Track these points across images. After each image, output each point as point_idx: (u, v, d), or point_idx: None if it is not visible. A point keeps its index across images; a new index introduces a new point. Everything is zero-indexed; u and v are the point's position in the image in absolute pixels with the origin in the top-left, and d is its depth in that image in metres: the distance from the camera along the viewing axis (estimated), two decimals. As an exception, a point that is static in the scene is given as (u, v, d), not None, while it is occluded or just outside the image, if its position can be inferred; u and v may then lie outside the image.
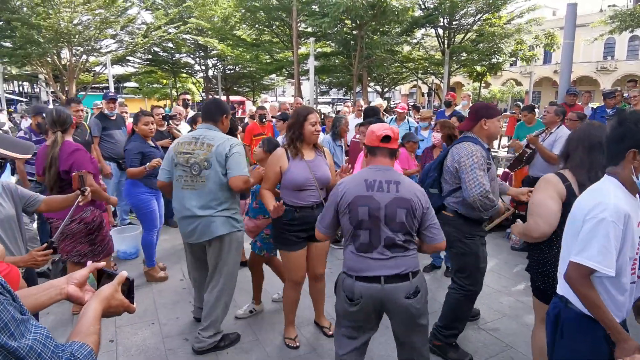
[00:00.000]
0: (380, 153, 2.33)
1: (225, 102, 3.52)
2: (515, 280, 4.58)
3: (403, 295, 2.22)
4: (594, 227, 1.70)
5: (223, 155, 2.99)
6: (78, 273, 1.30)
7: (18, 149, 1.04)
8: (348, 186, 2.30)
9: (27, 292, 1.29)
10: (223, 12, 22.45)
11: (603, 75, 36.45)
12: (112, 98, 6.18)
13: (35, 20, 16.03)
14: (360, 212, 2.23)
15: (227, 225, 3.11)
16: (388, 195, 2.22)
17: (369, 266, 2.24)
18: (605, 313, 1.71)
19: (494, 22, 20.85)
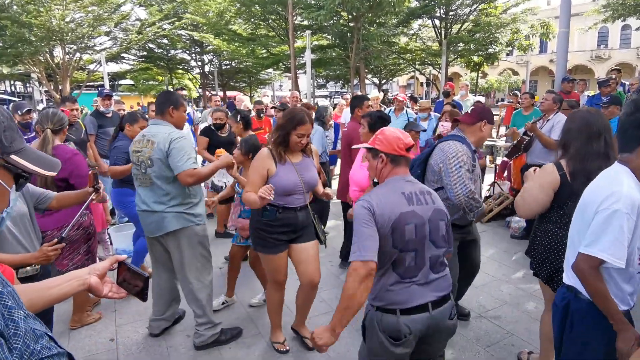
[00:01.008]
0: (405, 163, 2.06)
1: (176, 93, 3.36)
2: (515, 268, 4.59)
3: (447, 317, 2.00)
4: (607, 219, 1.67)
5: (164, 152, 2.89)
6: (100, 264, 1.32)
7: (45, 165, 1.03)
8: (384, 201, 1.92)
9: (51, 282, 1.31)
10: (218, 7, 22.33)
11: (597, 63, 36.52)
12: (108, 95, 6.13)
13: (26, 19, 15.83)
14: (407, 231, 1.90)
15: (181, 219, 3.03)
16: (427, 207, 1.97)
17: (413, 294, 1.91)
18: (611, 303, 1.71)
19: (490, 12, 20.85)
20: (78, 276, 1.30)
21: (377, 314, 1.95)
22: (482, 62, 23.48)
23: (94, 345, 3.33)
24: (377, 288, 1.96)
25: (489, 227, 5.92)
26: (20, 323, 0.94)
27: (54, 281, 1.31)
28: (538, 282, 2.86)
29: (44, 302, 1.29)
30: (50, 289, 1.29)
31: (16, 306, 1.03)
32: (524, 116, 6.06)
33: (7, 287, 1.06)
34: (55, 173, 1.02)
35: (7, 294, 1.02)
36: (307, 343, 3.24)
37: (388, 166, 2.05)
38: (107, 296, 1.32)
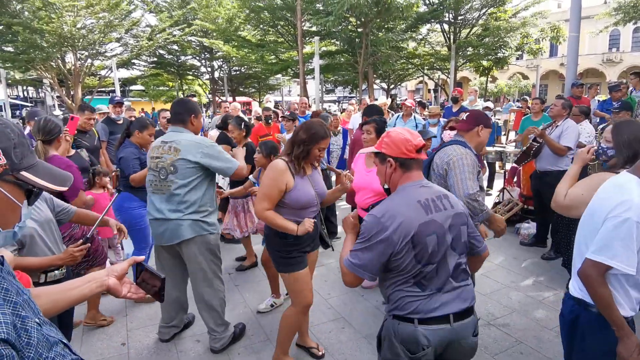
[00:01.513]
0: (417, 166, 1.91)
1: (193, 101, 3.34)
2: (525, 275, 4.56)
3: (471, 333, 1.86)
4: (617, 226, 1.67)
5: (192, 161, 2.95)
6: (118, 266, 1.35)
7: (56, 180, 1.03)
8: (400, 213, 1.77)
9: (70, 284, 1.35)
10: (227, 13, 22.51)
11: (609, 67, 36.18)
12: (119, 102, 6.22)
13: (38, 25, 16.01)
14: (430, 243, 1.76)
15: (196, 227, 3.05)
16: (447, 213, 1.83)
17: (434, 304, 1.79)
18: (614, 310, 1.72)
19: (499, 16, 20.75)
20: (97, 278, 1.34)
21: (394, 323, 1.84)
22: (491, 67, 23.35)
23: (106, 349, 3.37)
24: (395, 297, 1.84)
25: (498, 233, 5.89)
26: (33, 332, 0.96)
27: (73, 283, 1.35)
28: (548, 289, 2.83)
29: (65, 304, 1.33)
30: (70, 290, 1.33)
31: (31, 315, 1.05)
32: (533, 122, 6.03)
33: (22, 295, 1.08)
34: (66, 188, 1.03)
35: (22, 303, 1.04)
36: (314, 353, 3.25)
37: (398, 171, 1.90)
38: (126, 296, 1.35)
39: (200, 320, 3.59)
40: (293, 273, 2.85)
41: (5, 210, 0.95)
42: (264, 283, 4.41)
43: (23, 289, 1.11)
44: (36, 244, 2.34)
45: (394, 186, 1.94)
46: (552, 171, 4.83)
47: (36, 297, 1.26)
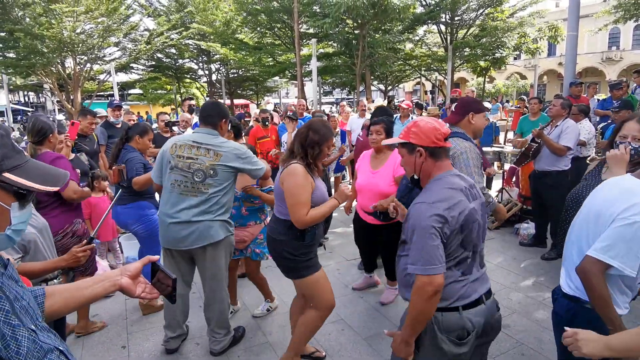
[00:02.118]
0: (445, 155, 1.93)
1: (224, 105, 3.39)
2: (524, 276, 4.56)
3: (496, 309, 1.99)
4: (626, 228, 1.69)
5: (233, 165, 2.97)
6: (132, 265, 1.33)
7: (47, 180, 0.99)
8: (449, 202, 1.78)
9: (83, 283, 1.34)
10: (224, 17, 22.56)
11: (608, 65, 36.17)
12: (118, 106, 6.22)
13: (39, 31, 16.13)
14: (474, 229, 1.84)
15: (224, 229, 3.07)
16: (479, 202, 1.91)
17: (472, 289, 1.88)
18: (612, 309, 1.73)
19: (496, 16, 20.79)
20: (110, 277, 1.32)
21: (436, 315, 1.83)
22: (489, 67, 23.40)
23: (107, 352, 3.36)
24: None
25: (498, 234, 5.89)
26: (23, 342, 0.96)
27: (86, 282, 1.33)
28: (548, 290, 2.84)
29: (77, 303, 1.32)
30: (83, 289, 1.31)
31: (28, 321, 1.06)
32: (530, 122, 6.03)
33: (21, 300, 1.08)
34: (58, 187, 1.01)
35: (19, 309, 1.05)
36: (318, 356, 3.22)
37: (429, 160, 1.89)
38: (140, 296, 1.32)
39: (199, 323, 3.59)
40: (314, 274, 2.78)
41: None
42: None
43: (23, 295, 1.11)
44: (39, 250, 2.34)
45: (427, 176, 1.93)
46: (551, 171, 4.82)
47: (49, 296, 1.28)
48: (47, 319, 1.27)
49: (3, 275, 1.09)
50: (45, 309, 1.27)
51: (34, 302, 1.16)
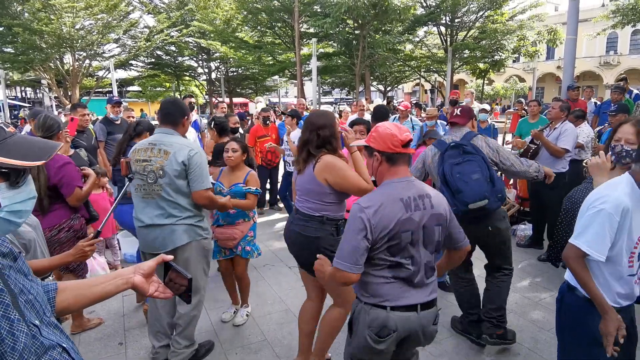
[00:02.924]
0: (402, 161, 1.97)
1: (182, 101, 3.18)
2: (521, 276, 4.58)
3: (432, 322, 2.02)
4: (593, 216, 1.86)
5: (180, 163, 2.77)
6: (145, 264, 1.31)
7: (28, 155, 0.92)
8: (382, 208, 1.86)
9: (95, 280, 1.33)
10: (225, 15, 22.53)
11: (606, 69, 36.30)
12: (118, 102, 6.22)
13: (37, 26, 16.06)
14: (404, 239, 1.88)
15: (191, 233, 2.90)
16: (425, 212, 1.91)
17: (406, 294, 1.94)
18: (593, 288, 1.88)
19: (496, 19, 20.84)
20: (123, 274, 1.31)
21: (366, 308, 1.96)
22: (488, 69, 23.46)
23: (103, 349, 3.37)
24: (370, 285, 1.96)
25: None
26: (20, 337, 0.95)
27: (98, 279, 1.32)
28: (545, 291, 2.87)
29: (87, 300, 1.31)
30: (95, 286, 1.30)
31: (32, 315, 1.04)
32: (530, 124, 6.06)
33: (27, 294, 1.07)
34: (43, 161, 0.94)
35: (23, 303, 1.04)
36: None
37: (384, 165, 1.97)
38: (153, 295, 1.30)
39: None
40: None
41: None
42: (261, 283, 4.42)
43: (30, 288, 1.10)
44: (37, 248, 2.33)
45: (380, 179, 2.02)
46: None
47: (61, 291, 1.27)
48: (58, 314, 1.27)
49: (11, 268, 1.07)
50: (56, 304, 1.26)
51: (43, 297, 1.15)
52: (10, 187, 0.93)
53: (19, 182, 0.95)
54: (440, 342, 3.38)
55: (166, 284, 1.35)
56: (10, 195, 0.94)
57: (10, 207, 0.94)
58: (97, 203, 4.47)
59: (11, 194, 0.94)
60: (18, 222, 0.98)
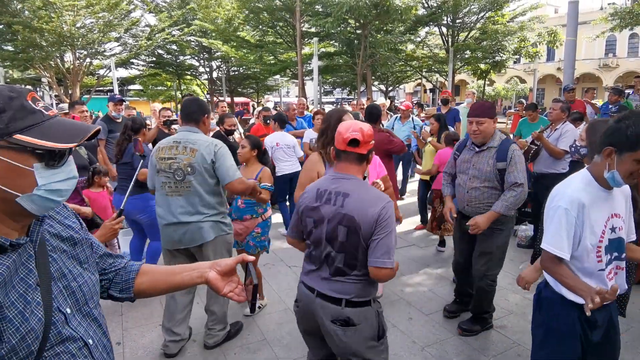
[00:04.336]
0: (345, 158, 2.04)
1: (204, 100, 3.32)
2: (522, 278, 4.57)
3: (329, 318, 2.01)
4: (551, 215, 1.91)
5: (208, 160, 2.90)
6: (224, 261, 1.28)
7: (61, 137, 0.93)
8: (304, 194, 2.13)
9: (173, 269, 1.33)
10: (226, 14, 22.50)
11: (605, 72, 36.38)
12: (120, 100, 6.21)
13: (38, 24, 15.98)
14: (308, 223, 2.07)
15: (216, 229, 3.04)
16: (333, 209, 1.98)
17: (310, 275, 2.12)
18: (569, 284, 1.86)
19: (497, 20, 20.84)
20: (199, 268, 1.28)
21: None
22: (489, 70, 23.43)
23: (102, 349, 3.36)
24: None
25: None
26: (30, 321, 0.94)
27: (178, 268, 1.32)
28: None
29: (163, 287, 1.32)
30: (174, 275, 1.30)
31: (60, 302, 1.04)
32: (530, 125, 6.05)
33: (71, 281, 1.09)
34: (75, 143, 0.95)
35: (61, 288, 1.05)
36: None
37: (335, 159, 2.12)
38: (227, 295, 1.25)
39: (196, 320, 3.58)
40: None
41: (14, 176, 0.91)
42: (264, 281, 4.42)
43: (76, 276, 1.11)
44: None
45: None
46: (549, 174, 4.85)
47: (142, 274, 1.31)
48: (135, 296, 1.32)
49: (64, 252, 1.10)
50: (134, 285, 1.30)
51: (92, 288, 1.15)
52: (47, 167, 0.94)
53: (55, 163, 0.96)
54: (441, 343, 3.38)
55: (246, 286, 1.30)
56: (48, 175, 0.95)
57: (48, 185, 0.95)
58: (97, 201, 4.47)
59: (49, 173, 0.95)
60: (58, 200, 0.99)
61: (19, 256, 0.97)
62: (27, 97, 0.94)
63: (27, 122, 0.92)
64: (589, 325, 1.96)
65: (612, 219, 1.91)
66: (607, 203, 1.89)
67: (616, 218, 1.92)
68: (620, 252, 1.96)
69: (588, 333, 1.97)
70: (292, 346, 3.34)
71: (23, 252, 0.99)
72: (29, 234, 1.02)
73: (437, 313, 3.85)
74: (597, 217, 1.86)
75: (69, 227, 1.16)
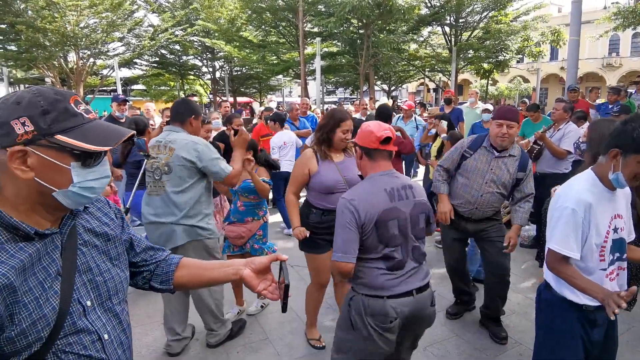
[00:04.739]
0: (381, 156, 2.12)
1: (194, 102, 3.28)
2: (524, 277, 4.57)
3: (429, 303, 2.13)
4: (558, 216, 1.90)
5: (188, 159, 2.83)
6: (258, 259, 1.29)
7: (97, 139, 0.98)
8: (367, 198, 2.02)
9: (210, 264, 1.36)
10: (229, 14, 22.53)
11: (609, 71, 36.25)
12: (124, 100, 6.24)
13: (41, 24, 16.03)
14: (391, 227, 2.01)
15: (191, 233, 2.94)
16: (408, 202, 2.07)
17: (401, 282, 2.05)
18: (579, 285, 1.84)
19: (500, 20, 20.81)
20: (234, 264, 1.30)
21: (364, 300, 2.06)
22: (492, 70, 23.42)
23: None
24: (363, 277, 2.08)
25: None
26: (43, 308, 0.98)
27: (213, 264, 1.35)
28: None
29: (201, 281, 1.35)
30: (209, 270, 1.33)
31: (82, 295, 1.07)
32: (533, 124, 6.03)
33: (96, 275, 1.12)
34: (109, 147, 1.00)
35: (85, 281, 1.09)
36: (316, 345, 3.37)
37: (365, 159, 2.14)
38: (262, 292, 1.26)
39: (199, 318, 3.59)
40: (311, 254, 3.11)
41: (53, 173, 0.97)
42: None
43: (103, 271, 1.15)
44: None
45: (364, 173, 2.19)
46: (551, 174, 4.83)
47: (182, 267, 1.35)
48: (175, 288, 1.36)
49: (95, 247, 1.15)
50: (174, 278, 1.34)
51: (118, 284, 1.19)
52: (83, 166, 1.00)
53: (90, 162, 1.01)
54: (443, 342, 3.38)
55: (279, 284, 1.29)
56: (83, 173, 1.00)
57: (83, 183, 1.01)
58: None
59: (84, 172, 1.00)
60: (90, 196, 1.05)
61: (45, 246, 1.02)
62: (70, 100, 1.00)
63: (69, 124, 0.98)
64: (590, 325, 1.97)
65: (615, 219, 1.92)
66: (610, 204, 1.90)
67: (619, 219, 1.93)
68: (622, 252, 1.97)
69: (590, 333, 1.97)
70: (295, 345, 3.35)
71: (50, 242, 1.04)
72: (60, 226, 1.07)
73: (439, 312, 3.84)
74: (602, 217, 1.87)
75: (106, 223, 1.21)
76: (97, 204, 1.23)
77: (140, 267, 1.34)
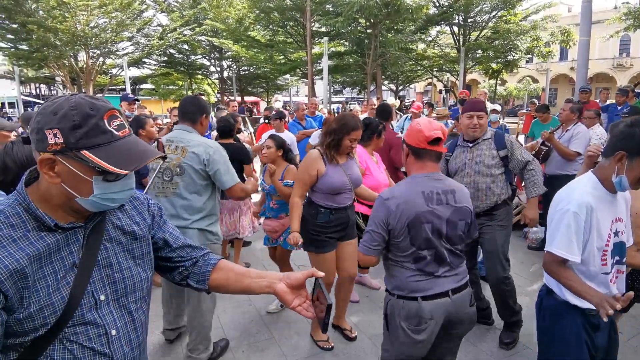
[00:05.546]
0: (429, 157, 2.03)
1: (204, 100, 3.14)
2: (532, 280, 4.54)
3: (468, 304, 2.08)
4: (559, 219, 1.87)
5: (199, 161, 2.73)
6: (293, 274, 1.25)
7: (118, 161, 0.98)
8: (402, 200, 1.97)
9: (247, 272, 1.33)
10: (237, 14, 22.63)
11: (619, 72, 35.87)
12: (134, 100, 6.30)
13: (52, 24, 16.26)
14: (425, 230, 1.97)
15: (202, 238, 2.84)
16: (448, 207, 2.00)
17: (435, 284, 2.02)
18: (576, 288, 1.81)
19: (509, 19, 20.67)
20: (269, 277, 1.28)
21: (399, 302, 2.04)
22: (500, 70, 23.26)
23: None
24: (398, 279, 2.06)
25: (505, 236, 5.86)
26: (52, 295, 1.02)
27: (250, 272, 1.33)
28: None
29: (235, 287, 1.33)
30: (245, 278, 1.32)
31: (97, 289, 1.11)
32: (542, 125, 5.99)
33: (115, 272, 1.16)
34: (129, 170, 1.01)
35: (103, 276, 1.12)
36: (347, 335, 3.41)
37: (411, 158, 2.07)
38: (296, 309, 1.24)
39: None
40: (317, 254, 3.10)
41: (77, 182, 1.01)
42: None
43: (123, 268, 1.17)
44: None
45: (408, 172, 2.13)
46: (560, 175, 4.79)
47: (218, 269, 1.35)
48: (210, 289, 1.35)
49: (120, 244, 1.18)
50: (209, 279, 1.34)
51: (137, 283, 1.21)
52: (104, 181, 1.03)
53: (112, 179, 1.04)
54: (448, 344, 3.36)
55: (313, 302, 1.24)
56: (104, 187, 1.03)
57: (104, 195, 1.04)
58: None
59: (105, 185, 1.03)
60: (112, 205, 1.09)
61: (66, 238, 1.07)
62: (105, 116, 1.01)
63: (97, 140, 1.00)
64: (593, 329, 1.95)
65: (616, 223, 1.89)
66: (611, 207, 1.88)
67: (619, 222, 1.91)
68: (622, 256, 1.95)
69: (593, 337, 1.95)
70: (300, 345, 3.35)
71: (72, 235, 1.08)
72: (86, 221, 1.11)
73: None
74: (604, 220, 1.85)
75: (136, 222, 1.24)
76: (134, 202, 1.27)
77: (176, 263, 1.36)
